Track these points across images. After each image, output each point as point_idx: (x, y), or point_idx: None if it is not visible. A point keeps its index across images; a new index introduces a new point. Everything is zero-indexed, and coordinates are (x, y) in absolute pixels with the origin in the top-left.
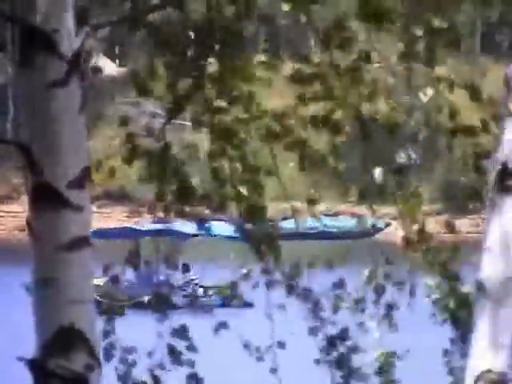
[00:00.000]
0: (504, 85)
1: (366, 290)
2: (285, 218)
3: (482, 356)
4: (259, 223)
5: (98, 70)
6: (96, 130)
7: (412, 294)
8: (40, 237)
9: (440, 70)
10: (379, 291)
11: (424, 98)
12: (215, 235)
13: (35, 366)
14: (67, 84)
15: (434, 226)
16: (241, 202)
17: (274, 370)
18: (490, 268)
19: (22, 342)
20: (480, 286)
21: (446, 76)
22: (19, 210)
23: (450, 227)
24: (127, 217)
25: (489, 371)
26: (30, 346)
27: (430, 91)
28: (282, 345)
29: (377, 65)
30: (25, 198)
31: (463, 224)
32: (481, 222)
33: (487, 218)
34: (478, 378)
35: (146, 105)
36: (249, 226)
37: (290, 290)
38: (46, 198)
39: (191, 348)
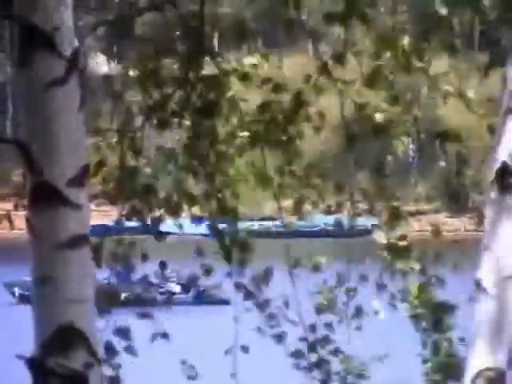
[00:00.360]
0: (503, 83)
1: (337, 291)
2: (282, 218)
3: (481, 355)
4: (231, 225)
5: (96, 68)
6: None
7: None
8: (39, 235)
9: (437, 67)
10: (350, 294)
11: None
12: (193, 234)
13: (34, 364)
14: (67, 82)
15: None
16: (209, 200)
17: (233, 375)
18: (489, 267)
19: (22, 342)
20: (479, 285)
21: (443, 84)
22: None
23: (436, 231)
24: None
25: (487, 369)
26: (29, 345)
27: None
28: (245, 349)
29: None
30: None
31: (463, 222)
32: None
33: (487, 216)
34: (476, 376)
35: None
36: (221, 227)
37: (248, 297)
38: (46, 197)
39: (129, 350)
